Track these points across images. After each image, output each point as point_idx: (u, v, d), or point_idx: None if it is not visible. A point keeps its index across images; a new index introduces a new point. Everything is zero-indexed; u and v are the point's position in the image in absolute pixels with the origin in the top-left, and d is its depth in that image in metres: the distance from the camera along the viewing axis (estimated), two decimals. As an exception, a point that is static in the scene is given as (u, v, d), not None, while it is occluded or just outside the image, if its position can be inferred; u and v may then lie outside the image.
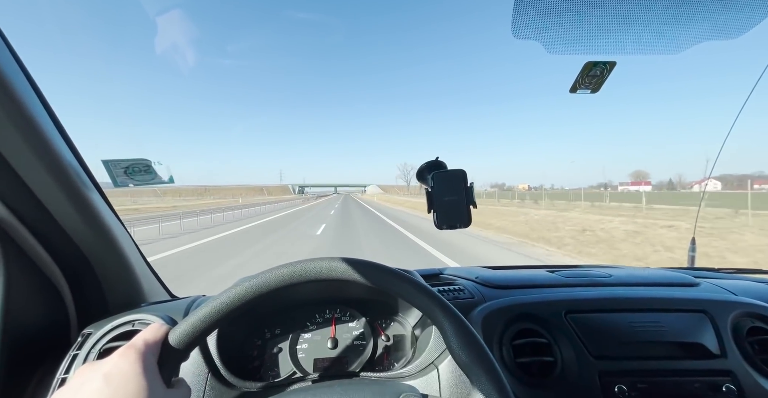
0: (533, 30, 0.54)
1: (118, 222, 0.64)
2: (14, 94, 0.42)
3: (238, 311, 0.38)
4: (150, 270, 0.77)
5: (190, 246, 7.18)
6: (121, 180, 0.61)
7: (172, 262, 5.47)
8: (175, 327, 0.35)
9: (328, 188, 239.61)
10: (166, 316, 0.59)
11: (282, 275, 0.41)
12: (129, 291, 0.68)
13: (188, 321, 0.35)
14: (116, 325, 0.57)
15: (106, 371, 0.28)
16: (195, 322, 0.35)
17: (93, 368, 0.28)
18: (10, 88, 0.41)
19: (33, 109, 0.45)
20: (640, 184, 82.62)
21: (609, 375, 0.55)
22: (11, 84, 0.41)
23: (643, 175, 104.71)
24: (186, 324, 0.35)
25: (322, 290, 0.68)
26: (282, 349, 0.65)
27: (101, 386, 0.26)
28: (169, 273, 4.42)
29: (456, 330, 0.39)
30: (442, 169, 0.61)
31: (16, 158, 0.45)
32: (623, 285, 0.76)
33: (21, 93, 0.43)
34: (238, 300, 0.38)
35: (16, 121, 0.43)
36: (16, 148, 0.44)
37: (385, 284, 0.42)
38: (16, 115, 0.42)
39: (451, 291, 0.73)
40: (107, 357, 0.29)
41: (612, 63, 0.63)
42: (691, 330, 0.60)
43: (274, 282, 0.40)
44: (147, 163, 0.63)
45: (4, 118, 0.42)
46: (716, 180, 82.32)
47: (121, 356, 0.29)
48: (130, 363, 0.28)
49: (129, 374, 0.28)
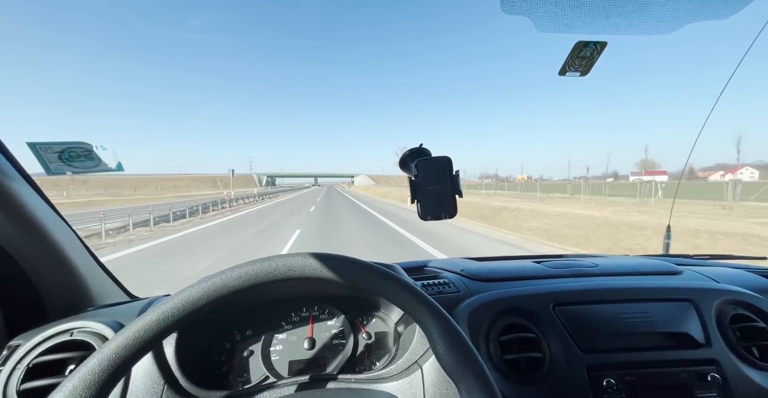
0: (523, 5, 0.51)
1: (55, 217, 0.55)
2: None
3: (190, 318, 0.32)
4: (102, 269, 0.68)
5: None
6: (55, 166, 0.52)
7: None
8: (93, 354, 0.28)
9: (307, 179, 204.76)
10: (114, 322, 0.52)
11: (246, 274, 0.36)
12: (72, 294, 0.60)
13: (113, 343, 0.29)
14: (50, 335, 0.49)
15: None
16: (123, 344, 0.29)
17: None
18: None
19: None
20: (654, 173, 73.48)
21: (597, 368, 0.54)
22: None
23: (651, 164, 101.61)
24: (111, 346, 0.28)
25: (298, 287, 0.63)
26: (254, 352, 0.59)
27: None
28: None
29: (443, 333, 0.35)
30: (426, 157, 0.58)
31: None
32: (609, 275, 0.75)
33: None
34: (185, 307, 0.32)
35: None
36: None
37: (364, 282, 0.38)
38: None
39: (436, 285, 0.70)
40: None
41: (603, 43, 0.60)
42: (677, 319, 0.59)
43: (235, 283, 0.35)
44: (87, 147, 0.54)
45: None
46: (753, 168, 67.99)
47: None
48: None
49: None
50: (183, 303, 0.33)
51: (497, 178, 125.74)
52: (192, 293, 0.33)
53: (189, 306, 0.33)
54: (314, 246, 5.90)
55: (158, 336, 0.31)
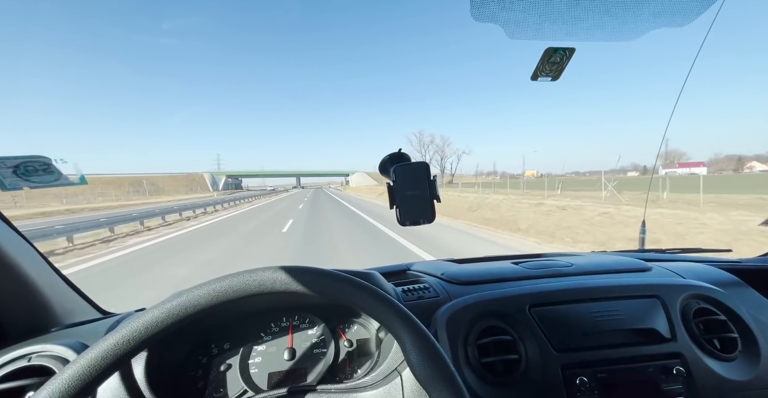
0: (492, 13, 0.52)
1: (11, 233, 0.53)
2: None
3: (159, 336, 0.32)
4: (69, 285, 0.65)
5: None
6: (10, 182, 0.49)
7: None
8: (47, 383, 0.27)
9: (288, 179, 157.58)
10: (78, 343, 0.50)
11: (214, 291, 0.35)
12: (34, 314, 0.57)
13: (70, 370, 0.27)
14: (5, 362, 0.46)
15: None
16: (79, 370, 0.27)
17: None
18: None
19: None
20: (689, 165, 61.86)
21: (571, 367, 0.55)
22: None
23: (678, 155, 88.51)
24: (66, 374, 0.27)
25: (276, 297, 0.62)
26: (231, 365, 0.58)
27: None
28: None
29: (415, 343, 0.35)
30: (404, 162, 0.58)
31: None
32: (583, 274, 0.77)
33: None
34: (153, 326, 0.31)
35: None
36: None
37: (337, 294, 0.38)
38: None
39: (416, 290, 0.70)
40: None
41: (571, 49, 0.62)
42: (645, 315, 0.62)
43: (204, 300, 0.34)
44: (46, 160, 0.52)
45: None
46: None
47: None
48: None
49: None
50: (151, 321, 0.32)
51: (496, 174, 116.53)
52: (160, 311, 0.32)
53: (157, 325, 0.32)
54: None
55: (124, 357, 0.30)
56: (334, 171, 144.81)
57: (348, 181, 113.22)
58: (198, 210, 14.65)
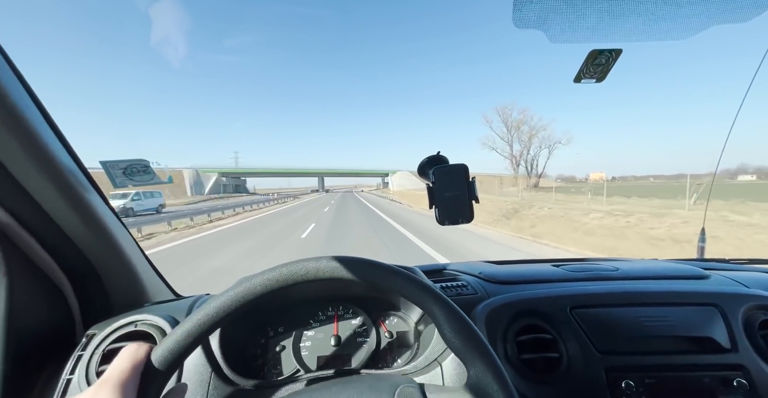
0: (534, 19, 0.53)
1: (118, 223, 0.64)
2: (7, 97, 0.41)
3: (233, 315, 0.37)
4: (153, 269, 0.77)
5: None
6: (120, 181, 0.61)
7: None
8: (156, 347, 0.33)
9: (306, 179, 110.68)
10: (169, 316, 0.59)
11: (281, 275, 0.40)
12: (132, 291, 0.68)
13: (168, 341, 0.33)
14: (119, 326, 0.57)
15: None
16: (176, 340, 0.34)
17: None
18: (3, 90, 0.40)
19: (27, 111, 0.44)
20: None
21: (616, 370, 0.55)
22: (3, 87, 0.40)
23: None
24: (166, 344, 0.33)
25: (322, 288, 0.68)
26: (285, 347, 0.65)
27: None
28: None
29: (447, 317, 0.38)
30: (443, 164, 0.60)
31: (12, 162, 0.45)
32: (630, 279, 0.74)
33: (14, 95, 0.42)
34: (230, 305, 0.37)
35: (9, 124, 0.42)
36: (11, 152, 0.44)
37: (374, 279, 0.41)
38: (9, 119, 0.42)
39: (454, 288, 0.73)
40: (80, 395, 0.28)
41: (618, 51, 0.61)
42: (700, 324, 0.59)
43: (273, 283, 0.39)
44: (145, 163, 0.62)
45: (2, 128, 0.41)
46: None
47: (93, 394, 0.28)
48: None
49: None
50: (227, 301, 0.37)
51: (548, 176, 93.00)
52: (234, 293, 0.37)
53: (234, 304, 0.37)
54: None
55: (210, 329, 0.36)
56: (367, 170, 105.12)
57: (387, 183, 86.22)
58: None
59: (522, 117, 43.27)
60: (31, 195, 0.48)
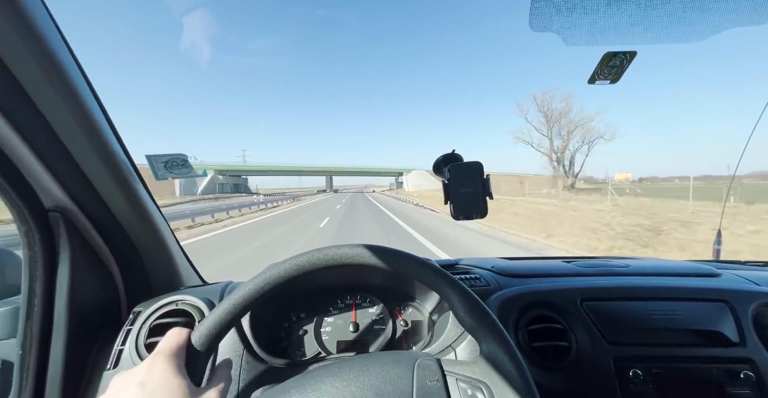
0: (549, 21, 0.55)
1: (158, 212, 0.70)
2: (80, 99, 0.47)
3: (265, 297, 0.39)
4: (185, 257, 0.83)
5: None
6: (161, 173, 0.66)
7: None
8: (197, 327, 0.37)
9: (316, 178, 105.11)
10: (205, 298, 0.65)
11: (309, 260, 0.42)
12: (169, 275, 0.74)
13: (210, 320, 0.37)
14: (163, 304, 0.63)
15: (139, 379, 0.30)
16: (216, 320, 0.37)
17: (127, 377, 0.31)
18: (77, 93, 0.46)
19: (94, 113, 0.50)
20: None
21: (624, 360, 0.57)
22: (77, 89, 0.46)
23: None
24: (208, 323, 0.37)
25: (342, 277, 0.72)
26: (307, 331, 0.69)
27: (137, 393, 0.29)
28: None
29: (460, 298, 0.41)
30: (458, 162, 0.63)
31: (81, 156, 0.51)
32: (641, 275, 0.76)
33: (85, 98, 0.48)
34: (263, 287, 0.39)
35: (82, 125, 0.48)
36: (81, 147, 0.50)
37: (394, 265, 0.43)
38: (82, 121, 0.48)
39: (467, 280, 0.75)
40: (137, 367, 0.32)
41: (632, 53, 0.63)
42: (709, 318, 0.60)
43: (301, 267, 0.41)
44: (184, 157, 0.68)
45: (73, 124, 0.47)
46: None
47: (150, 364, 0.31)
48: (160, 369, 0.30)
49: (160, 379, 0.30)
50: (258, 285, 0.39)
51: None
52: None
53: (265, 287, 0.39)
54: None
55: (243, 310, 0.39)
56: (379, 168, 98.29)
57: (401, 183, 79.59)
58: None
59: (564, 106, 33.56)
60: (92, 184, 0.54)
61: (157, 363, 0.31)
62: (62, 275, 0.54)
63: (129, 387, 0.29)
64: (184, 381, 0.31)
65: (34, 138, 0.45)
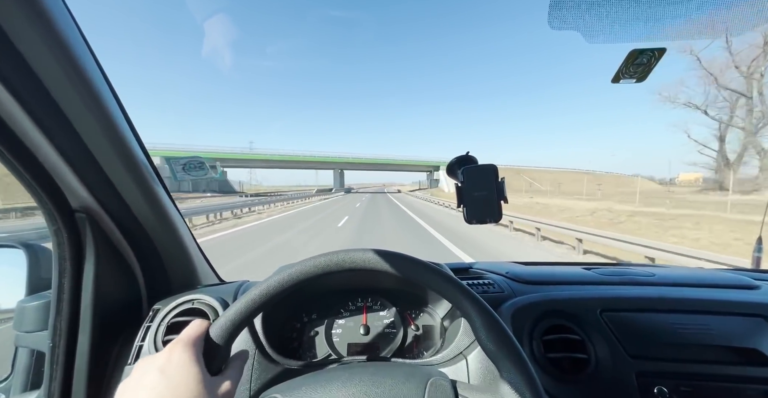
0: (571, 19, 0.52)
1: (177, 213, 0.72)
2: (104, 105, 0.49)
3: (278, 298, 0.40)
4: (203, 256, 0.85)
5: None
6: (180, 175, 0.69)
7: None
8: (215, 321, 0.38)
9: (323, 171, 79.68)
10: (220, 298, 0.66)
11: (320, 264, 0.42)
12: (187, 273, 0.77)
13: (227, 315, 0.38)
14: (180, 303, 0.65)
15: (160, 364, 0.32)
16: (233, 315, 0.38)
17: (149, 362, 0.32)
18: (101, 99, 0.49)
19: (116, 118, 0.52)
20: None
21: (647, 375, 0.54)
22: (101, 96, 0.49)
23: None
24: (225, 317, 0.38)
25: (354, 279, 0.72)
26: (318, 333, 0.70)
27: (158, 377, 0.30)
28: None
29: (484, 322, 0.39)
30: (472, 165, 0.62)
31: (104, 159, 0.54)
32: (668, 285, 0.72)
33: (108, 103, 0.50)
34: (276, 288, 0.40)
35: (106, 130, 0.51)
36: (105, 151, 0.53)
37: (416, 275, 0.42)
38: (106, 125, 0.51)
39: (479, 285, 0.74)
40: (159, 353, 0.33)
41: (661, 50, 0.59)
42: (745, 335, 0.56)
43: (311, 270, 0.41)
44: (200, 160, 0.70)
45: (98, 128, 0.50)
46: None
47: (171, 351, 0.33)
48: (179, 356, 0.32)
49: (180, 365, 0.31)
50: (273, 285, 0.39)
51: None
52: (278, 278, 0.40)
53: (279, 287, 0.39)
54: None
55: (257, 310, 0.39)
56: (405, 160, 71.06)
57: (437, 180, 60.68)
58: None
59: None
60: (114, 185, 0.57)
61: (176, 351, 0.33)
62: (88, 272, 0.57)
63: (150, 371, 0.31)
64: (200, 368, 0.33)
65: (63, 142, 0.48)
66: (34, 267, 0.70)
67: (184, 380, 0.31)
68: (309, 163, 65.52)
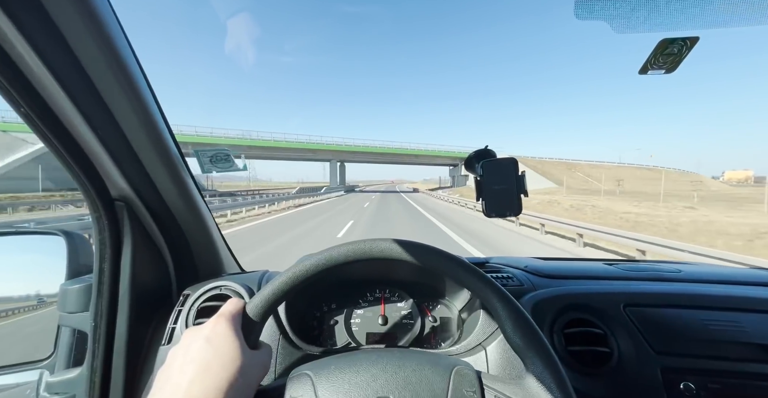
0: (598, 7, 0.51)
1: (204, 204, 0.75)
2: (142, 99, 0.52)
3: (305, 283, 0.41)
4: (226, 246, 0.89)
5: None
6: (207, 167, 0.72)
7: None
8: (251, 300, 0.40)
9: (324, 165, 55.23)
10: (245, 285, 0.69)
11: (346, 251, 0.42)
12: (213, 262, 0.80)
13: (262, 294, 0.40)
14: (209, 289, 0.68)
15: (206, 334, 0.34)
16: (268, 295, 0.40)
17: (195, 331, 0.35)
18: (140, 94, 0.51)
19: (152, 110, 0.55)
20: None
21: (673, 371, 0.53)
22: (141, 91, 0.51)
23: None
24: (260, 296, 0.40)
25: (373, 270, 0.73)
26: (338, 322, 0.72)
27: (204, 345, 0.33)
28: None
29: (509, 315, 0.39)
30: (491, 158, 0.61)
31: (141, 151, 0.57)
32: (695, 282, 0.70)
33: (145, 96, 0.53)
34: (304, 274, 0.41)
35: (144, 123, 0.54)
36: (142, 143, 0.56)
37: (439, 265, 0.43)
38: (144, 118, 0.53)
39: (498, 279, 0.73)
40: (204, 323, 0.36)
41: (693, 39, 0.57)
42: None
43: (337, 257, 0.42)
44: (227, 151, 0.73)
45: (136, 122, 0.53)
46: None
47: (215, 323, 0.36)
48: (223, 327, 0.35)
49: (223, 336, 0.34)
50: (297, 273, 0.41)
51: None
52: (301, 267, 0.41)
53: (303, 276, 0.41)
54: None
55: (283, 297, 0.41)
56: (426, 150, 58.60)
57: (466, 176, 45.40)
58: None
59: None
60: (150, 176, 0.60)
61: (220, 323, 0.36)
62: (125, 258, 0.60)
63: (197, 340, 0.34)
64: (241, 341, 0.35)
65: (106, 135, 0.51)
66: (73, 253, 0.75)
67: (227, 349, 0.33)
68: (295, 150, 49.21)
